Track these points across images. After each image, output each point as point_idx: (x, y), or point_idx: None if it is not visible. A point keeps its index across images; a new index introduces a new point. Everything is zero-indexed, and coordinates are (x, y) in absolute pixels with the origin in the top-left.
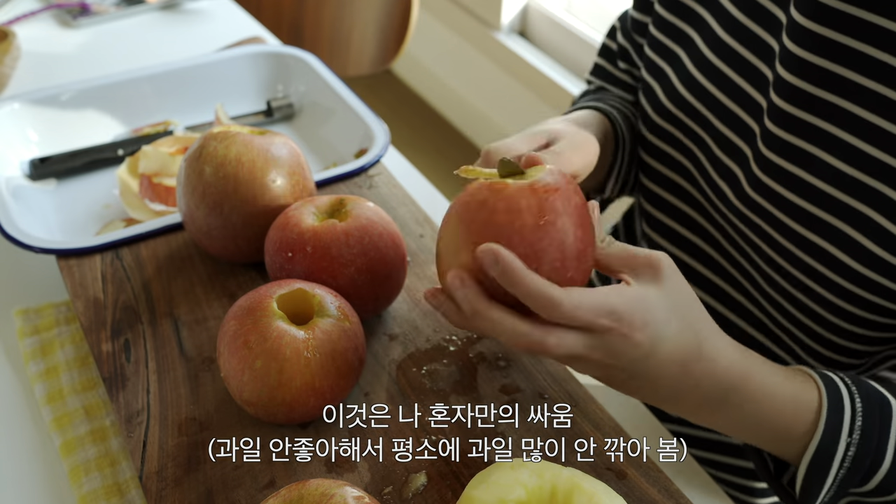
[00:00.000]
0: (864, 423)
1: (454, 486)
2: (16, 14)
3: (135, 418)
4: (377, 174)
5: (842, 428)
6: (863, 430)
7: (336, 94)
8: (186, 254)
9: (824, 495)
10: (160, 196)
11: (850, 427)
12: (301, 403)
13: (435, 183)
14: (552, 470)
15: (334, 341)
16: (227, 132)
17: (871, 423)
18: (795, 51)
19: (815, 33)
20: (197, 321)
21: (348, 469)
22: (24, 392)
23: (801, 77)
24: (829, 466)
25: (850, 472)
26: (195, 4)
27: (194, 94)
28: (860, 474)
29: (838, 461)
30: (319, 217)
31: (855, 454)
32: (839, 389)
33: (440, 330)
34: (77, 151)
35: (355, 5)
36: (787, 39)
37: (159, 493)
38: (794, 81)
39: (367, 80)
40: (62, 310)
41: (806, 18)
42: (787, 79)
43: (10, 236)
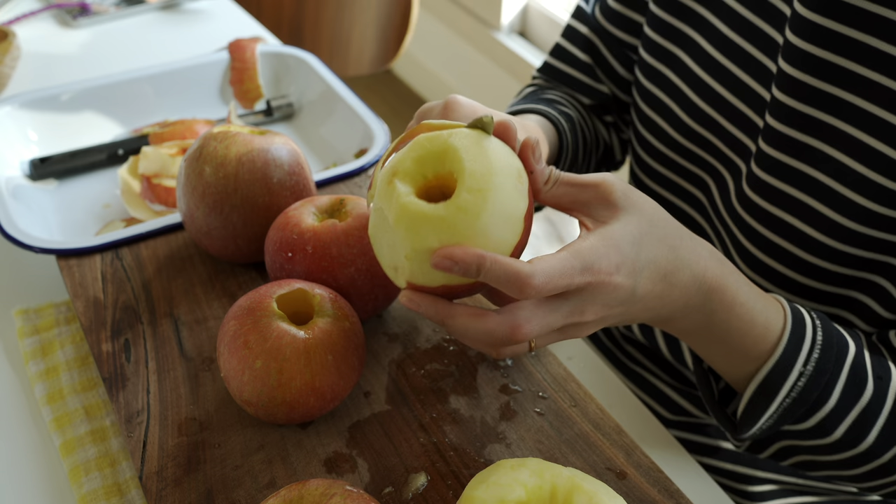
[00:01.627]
0: (820, 357)
1: (454, 486)
2: (16, 14)
3: (135, 418)
4: None
5: (798, 356)
6: (817, 363)
7: (336, 94)
8: (186, 254)
9: (764, 422)
10: (160, 197)
11: (806, 357)
12: (301, 403)
13: None
14: (552, 470)
15: (334, 341)
16: (228, 132)
17: (826, 357)
18: (799, 44)
19: (819, 25)
20: (197, 321)
21: (348, 469)
22: (24, 392)
23: (804, 71)
24: (777, 391)
25: (794, 403)
26: (195, 4)
27: (194, 94)
28: (804, 407)
29: (787, 388)
30: (319, 217)
31: (805, 385)
32: (804, 319)
33: (440, 330)
34: (77, 151)
35: (355, 5)
36: (789, 33)
37: (159, 493)
38: (796, 75)
39: (367, 80)
40: (62, 310)
41: (809, 10)
42: (790, 72)
43: (10, 236)
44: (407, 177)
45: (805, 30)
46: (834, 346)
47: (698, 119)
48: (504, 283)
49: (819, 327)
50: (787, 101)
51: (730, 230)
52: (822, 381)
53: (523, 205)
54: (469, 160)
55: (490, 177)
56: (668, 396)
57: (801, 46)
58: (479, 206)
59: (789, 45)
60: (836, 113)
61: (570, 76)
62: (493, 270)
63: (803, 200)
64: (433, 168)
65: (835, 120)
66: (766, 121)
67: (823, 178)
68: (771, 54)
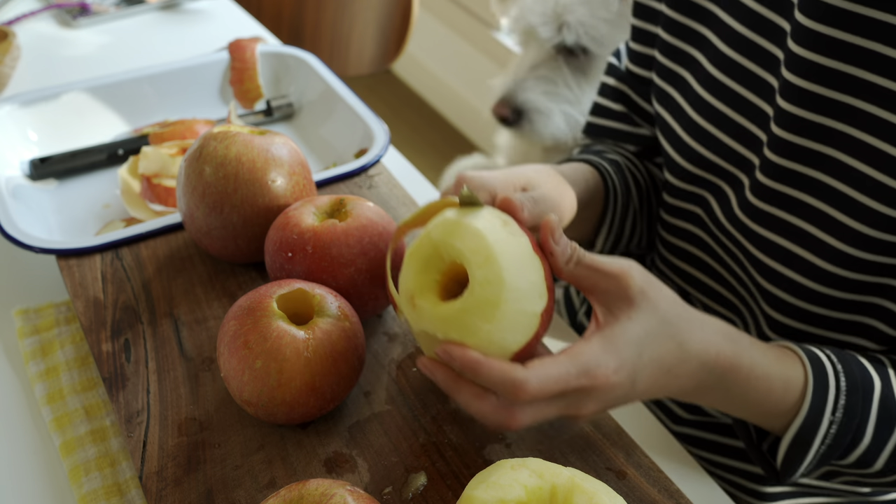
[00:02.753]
0: (847, 402)
1: (454, 486)
2: (16, 14)
3: (135, 418)
4: (377, 174)
5: (825, 407)
6: (846, 409)
7: (336, 94)
8: (186, 254)
9: (804, 468)
10: (160, 197)
11: (833, 406)
12: (301, 403)
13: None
14: (552, 470)
15: (334, 341)
16: (227, 132)
17: (854, 400)
18: (803, 54)
19: (823, 34)
20: (197, 321)
21: (348, 469)
22: (24, 392)
23: (809, 80)
24: (811, 443)
25: (830, 449)
26: (195, 4)
27: (194, 94)
28: (840, 450)
29: (820, 438)
30: (319, 217)
31: (837, 432)
32: (825, 368)
33: None
34: (77, 151)
35: (355, 5)
36: (792, 44)
37: (159, 493)
38: (802, 85)
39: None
40: (62, 310)
41: (812, 21)
42: (796, 83)
43: (10, 236)
44: (422, 292)
45: (808, 40)
46: (859, 388)
47: (700, 138)
48: (499, 387)
49: (841, 372)
50: (794, 111)
51: (734, 240)
52: (854, 424)
53: (539, 303)
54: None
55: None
56: None
57: (806, 56)
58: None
59: (793, 55)
60: (844, 119)
61: (609, 128)
62: (489, 375)
63: (815, 205)
64: (437, 269)
65: (843, 126)
66: (772, 131)
67: (834, 182)
68: (771, 69)
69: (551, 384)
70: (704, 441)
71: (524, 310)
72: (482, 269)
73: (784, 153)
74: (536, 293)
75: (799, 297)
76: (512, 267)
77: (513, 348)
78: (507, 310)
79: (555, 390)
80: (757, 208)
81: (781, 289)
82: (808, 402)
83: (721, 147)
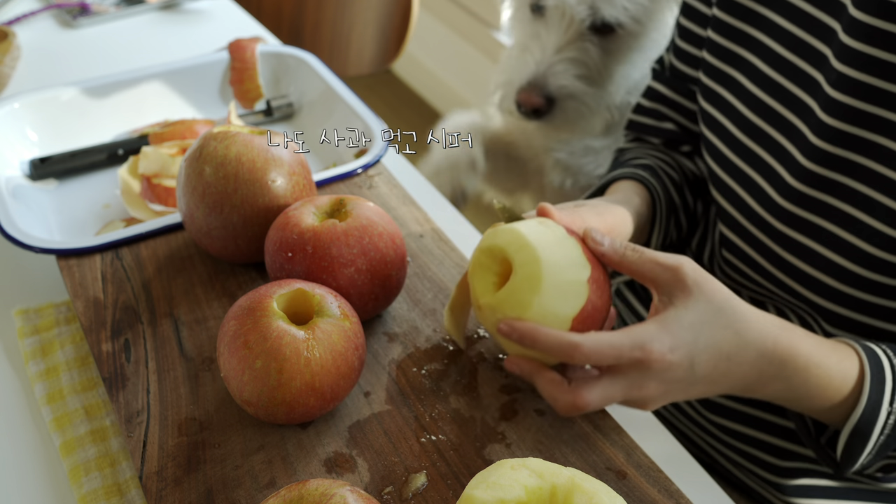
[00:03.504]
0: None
1: (454, 486)
2: (16, 14)
3: (135, 418)
4: (377, 174)
5: (882, 398)
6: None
7: (336, 94)
8: (186, 254)
9: (864, 459)
10: (160, 197)
11: (891, 396)
12: (301, 403)
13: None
14: (552, 470)
15: (334, 341)
16: (228, 132)
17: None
18: (855, 45)
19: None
20: (197, 321)
21: (348, 469)
22: (24, 392)
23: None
24: (870, 434)
25: (889, 439)
26: (195, 4)
27: (194, 94)
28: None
29: (879, 428)
30: (319, 217)
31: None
32: (881, 360)
33: (440, 330)
34: (77, 151)
35: (355, 5)
36: (845, 36)
37: (159, 493)
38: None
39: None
40: (62, 310)
41: (866, 14)
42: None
43: (10, 236)
44: (484, 294)
45: (862, 33)
46: None
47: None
48: (555, 350)
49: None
50: (841, 98)
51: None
52: None
53: (583, 273)
54: (514, 250)
55: (536, 259)
56: None
57: (858, 48)
58: (529, 287)
59: (845, 46)
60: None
61: (637, 122)
62: (546, 340)
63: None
64: (491, 272)
65: (889, 113)
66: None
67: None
68: (818, 66)
69: (605, 348)
70: (728, 409)
71: (568, 279)
72: (520, 254)
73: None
74: (576, 264)
75: (846, 283)
76: (546, 246)
77: (569, 314)
78: (551, 281)
79: (608, 356)
80: (801, 193)
81: (828, 274)
82: (866, 392)
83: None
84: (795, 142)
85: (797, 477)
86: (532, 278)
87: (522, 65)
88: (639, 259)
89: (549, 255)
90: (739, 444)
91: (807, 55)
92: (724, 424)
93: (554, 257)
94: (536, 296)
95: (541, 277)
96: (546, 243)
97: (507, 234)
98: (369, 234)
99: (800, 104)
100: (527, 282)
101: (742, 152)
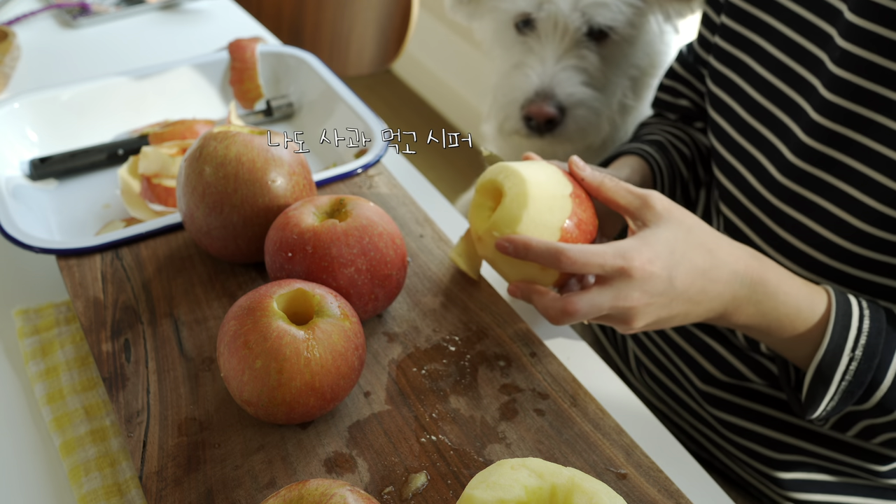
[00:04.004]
0: (867, 342)
1: (454, 486)
2: (16, 14)
3: (135, 418)
4: (377, 174)
5: (846, 343)
6: (865, 348)
7: (336, 94)
8: (186, 254)
9: (826, 404)
10: (160, 197)
11: (854, 343)
12: (301, 403)
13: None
14: (552, 470)
15: (334, 341)
16: (228, 132)
17: (875, 342)
18: (857, 21)
19: (870, 31)
20: (197, 321)
21: (348, 469)
22: (24, 392)
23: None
24: (831, 377)
25: (851, 386)
26: (195, 4)
27: (194, 94)
28: (861, 389)
29: (840, 373)
30: (319, 217)
31: (857, 368)
32: (850, 306)
33: (440, 330)
34: (77, 151)
35: (355, 5)
36: (841, 40)
37: (159, 493)
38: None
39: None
40: (62, 310)
41: (862, 19)
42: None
43: (10, 236)
44: (482, 225)
45: (856, 36)
46: (883, 333)
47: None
48: (545, 257)
49: (867, 316)
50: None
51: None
52: (874, 363)
53: (566, 189)
54: (503, 177)
55: (522, 180)
56: (719, 356)
57: (853, 51)
58: (518, 203)
59: (850, 24)
60: (881, 110)
61: (659, 99)
62: (537, 249)
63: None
64: (486, 206)
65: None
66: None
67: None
68: (823, 45)
69: (589, 255)
70: (728, 403)
71: (552, 194)
72: (509, 180)
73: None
74: (558, 182)
75: (840, 260)
76: (530, 171)
77: (556, 224)
78: (536, 195)
79: (593, 262)
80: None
81: (823, 252)
82: (828, 334)
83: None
84: (797, 119)
85: (794, 470)
86: (520, 196)
87: (523, 80)
88: (614, 186)
89: (533, 176)
90: (737, 437)
91: (812, 35)
92: (723, 418)
93: (537, 177)
94: (525, 210)
95: (527, 194)
96: (530, 169)
97: (495, 168)
98: (369, 234)
99: (803, 83)
100: (516, 200)
101: (746, 131)
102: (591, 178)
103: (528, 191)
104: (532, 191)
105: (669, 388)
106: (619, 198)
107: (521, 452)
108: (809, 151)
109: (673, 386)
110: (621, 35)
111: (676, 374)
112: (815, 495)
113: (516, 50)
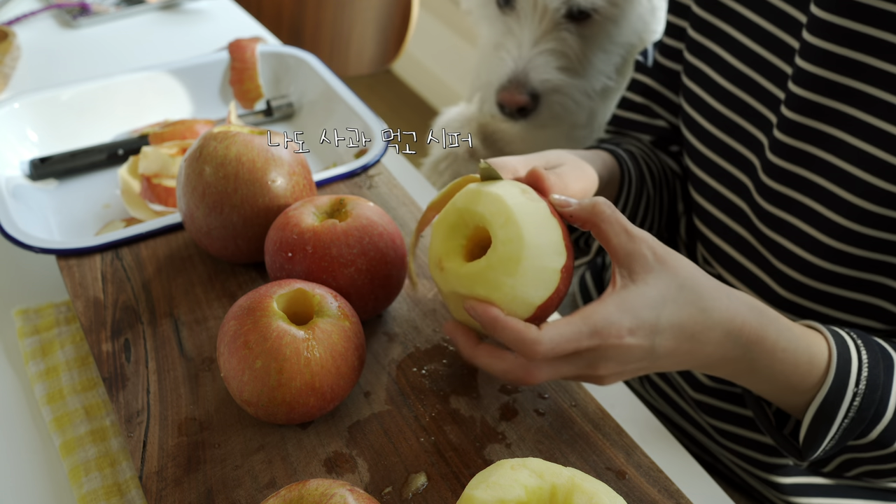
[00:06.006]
0: (869, 375)
1: (454, 486)
2: (16, 14)
3: (135, 418)
4: (377, 174)
5: (849, 379)
6: (868, 381)
7: (336, 94)
8: (186, 254)
9: (826, 443)
10: (160, 197)
11: (856, 378)
12: (301, 403)
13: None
14: (552, 470)
15: (334, 341)
16: (228, 132)
17: (875, 374)
18: (817, 43)
19: (837, 25)
20: (197, 321)
21: (348, 469)
22: (24, 392)
23: (821, 66)
24: (835, 415)
25: (853, 423)
26: (195, 4)
27: (194, 94)
28: (863, 425)
29: (844, 410)
30: (319, 217)
31: (860, 404)
32: (847, 343)
33: (440, 330)
34: (77, 151)
35: (355, 5)
36: (808, 34)
37: (159, 493)
38: (814, 70)
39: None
40: (62, 310)
41: (827, 13)
42: (808, 69)
43: (10, 236)
44: (449, 256)
45: (823, 29)
46: (880, 361)
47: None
48: (514, 345)
49: (862, 347)
50: (815, 71)
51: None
52: (876, 396)
53: (560, 261)
54: (498, 224)
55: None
56: None
57: (819, 45)
58: (506, 269)
59: (808, 45)
60: (851, 102)
61: (626, 119)
62: (505, 333)
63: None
64: (462, 235)
65: (849, 108)
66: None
67: (835, 159)
68: (785, 57)
69: (563, 344)
70: (721, 410)
71: (545, 266)
72: (503, 229)
73: (793, 133)
74: (555, 251)
75: (805, 274)
76: (531, 226)
77: (536, 303)
78: (529, 265)
79: (566, 350)
80: (777, 167)
81: (788, 265)
82: (832, 373)
83: (745, 107)
84: (772, 109)
85: (793, 475)
86: (511, 259)
87: (499, 64)
88: (610, 216)
89: (533, 238)
90: (734, 444)
91: (783, 23)
92: (718, 426)
93: (537, 240)
94: (511, 278)
95: (520, 260)
96: (531, 223)
97: (492, 203)
98: (369, 234)
99: (777, 72)
100: (505, 262)
101: (719, 122)
102: (580, 212)
103: (523, 256)
104: (526, 257)
105: (668, 396)
106: (612, 234)
107: (521, 452)
108: (786, 148)
109: (672, 393)
110: (604, 15)
111: (672, 382)
112: (816, 499)
113: (497, 28)
